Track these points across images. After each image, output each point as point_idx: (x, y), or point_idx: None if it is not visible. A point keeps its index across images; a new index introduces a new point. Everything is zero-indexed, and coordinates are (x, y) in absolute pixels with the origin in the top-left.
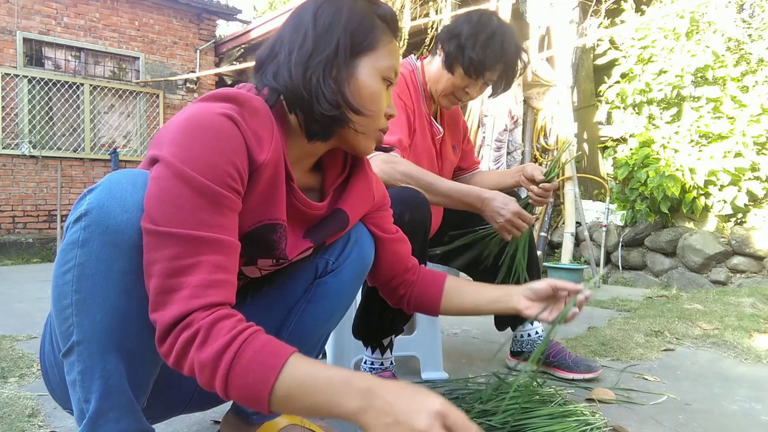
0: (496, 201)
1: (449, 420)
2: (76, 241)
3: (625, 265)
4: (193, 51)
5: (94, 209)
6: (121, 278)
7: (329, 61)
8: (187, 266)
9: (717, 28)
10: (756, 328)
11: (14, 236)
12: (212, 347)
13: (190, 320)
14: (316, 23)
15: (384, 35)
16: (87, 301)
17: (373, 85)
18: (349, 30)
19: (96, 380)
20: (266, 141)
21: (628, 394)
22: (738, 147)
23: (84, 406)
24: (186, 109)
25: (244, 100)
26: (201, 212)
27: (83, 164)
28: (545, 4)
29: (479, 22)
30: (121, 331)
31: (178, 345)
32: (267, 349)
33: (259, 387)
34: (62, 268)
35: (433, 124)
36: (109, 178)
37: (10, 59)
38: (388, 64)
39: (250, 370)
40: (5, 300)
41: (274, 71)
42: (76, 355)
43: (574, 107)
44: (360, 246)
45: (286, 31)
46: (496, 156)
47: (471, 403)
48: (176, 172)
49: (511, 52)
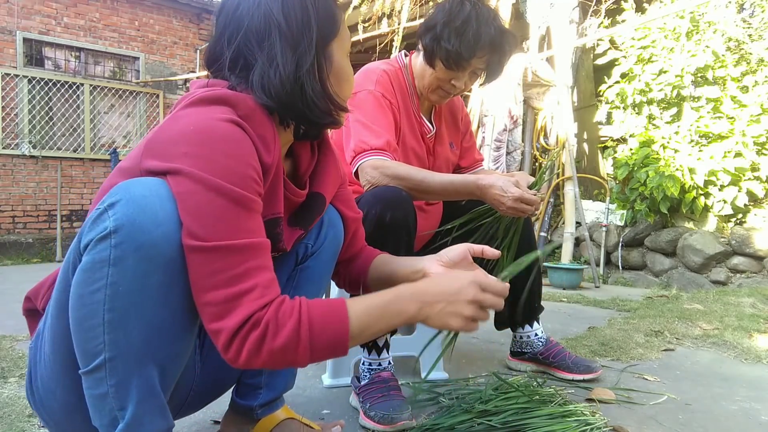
0: (494, 188)
1: (483, 284)
2: (106, 260)
3: (625, 265)
4: (193, 51)
5: (124, 226)
6: (156, 292)
7: (314, 65)
8: (240, 274)
9: (717, 28)
10: (756, 328)
11: (14, 236)
12: (285, 331)
13: (255, 320)
14: (290, 25)
15: (340, 14)
16: (122, 318)
17: (345, 66)
18: (319, 24)
19: (133, 389)
20: (270, 142)
21: (628, 394)
22: (738, 147)
23: (119, 414)
24: (182, 116)
25: (238, 101)
26: (240, 221)
27: (83, 164)
28: (545, 4)
29: (451, 11)
30: (157, 341)
31: (249, 345)
32: (326, 308)
33: (339, 338)
34: (90, 288)
35: (423, 122)
36: (127, 190)
37: (10, 59)
38: (348, 37)
39: (325, 331)
40: (5, 300)
41: (260, 82)
42: (108, 370)
43: (574, 107)
44: (334, 227)
45: (252, 29)
46: (495, 156)
47: (471, 403)
48: (209, 186)
49: (491, 36)
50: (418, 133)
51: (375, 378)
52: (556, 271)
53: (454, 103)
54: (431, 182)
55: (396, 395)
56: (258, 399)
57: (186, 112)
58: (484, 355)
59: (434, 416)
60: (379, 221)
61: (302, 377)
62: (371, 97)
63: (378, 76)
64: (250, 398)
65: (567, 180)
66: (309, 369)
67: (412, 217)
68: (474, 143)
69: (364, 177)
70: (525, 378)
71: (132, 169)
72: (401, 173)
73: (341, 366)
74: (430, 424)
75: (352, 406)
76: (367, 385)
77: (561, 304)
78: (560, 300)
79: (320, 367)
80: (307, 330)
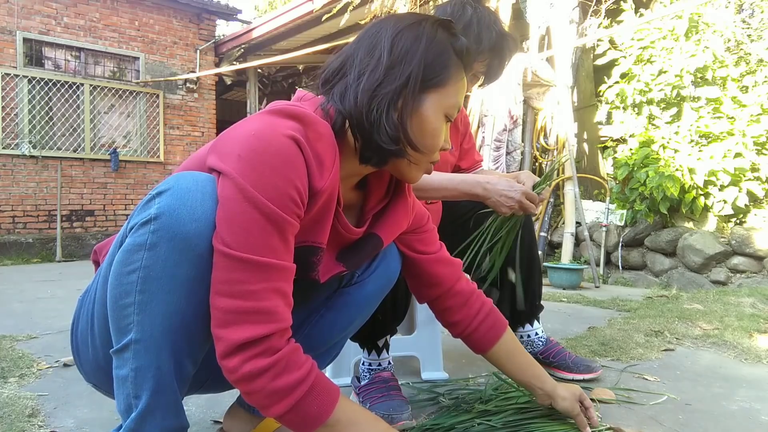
0: (500, 185)
1: None
2: (144, 244)
3: (625, 265)
4: (193, 51)
5: (164, 214)
6: (184, 283)
7: (396, 93)
8: (255, 291)
9: (716, 29)
10: (756, 328)
11: (14, 236)
12: (290, 378)
13: (267, 348)
14: (393, 50)
15: (456, 72)
16: (150, 302)
17: (435, 123)
18: (423, 64)
19: (149, 379)
20: (327, 168)
21: (628, 394)
22: (738, 147)
23: (133, 402)
24: (253, 120)
25: (311, 122)
26: (270, 238)
27: (83, 164)
28: (545, 4)
29: (452, 14)
30: (177, 333)
31: (250, 368)
32: (326, 382)
33: (313, 421)
34: (126, 268)
35: None
36: (178, 181)
37: (10, 59)
38: (454, 101)
39: (312, 405)
40: (5, 300)
41: (341, 92)
42: (132, 352)
43: (574, 107)
44: (386, 262)
45: (360, 50)
46: (495, 156)
47: (471, 403)
48: (247, 196)
49: (492, 40)
50: None
51: (375, 378)
52: (556, 271)
53: None
54: (431, 181)
55: (396, 395)
56: None
57: (259, 117)
58: None
59: (434, 416)
60: None
61: None
62: None
63: None
64: None
65: (567, 180)
66: None
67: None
68: (473, 144)
69: None
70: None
71: (201, 158)
72: None
73: (341, 366)
74: (430, 424)
75: None
76: (367, 385)
77: (561, 304)
78: (560, 300)
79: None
80: (302, 394)
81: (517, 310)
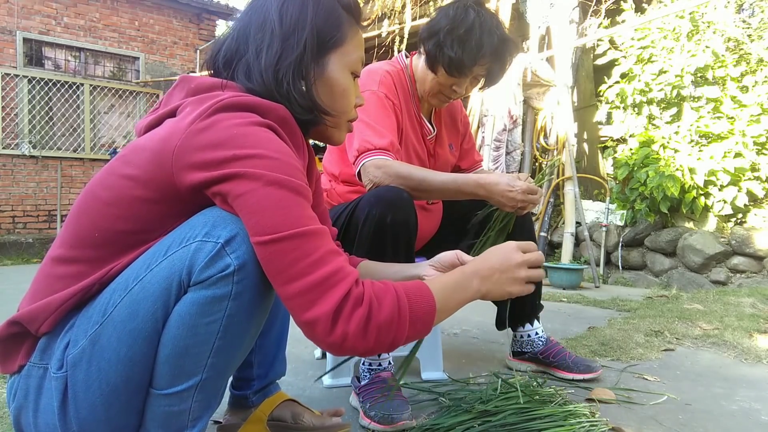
0: (501, 184)
1: (522, 247)
2: (228, 295)
3: (625, 265)
4: (193, 51)
5: (248, 264)
6: (257, 318)
7: (298, 63)
8: (319, 259)
9: (717, 29)
10: (756, 328)
11: (14, 236)
12: (387, 304)
13: (356, 298)
14: (282, 21)
15: (350, 28)
16: (230, 345)
17: (343, 82)
18: (316, 28)
19: (214, 402)
20: (300, 147)
21: (628, 394)
22: (738, 147)
23: (190, 423)
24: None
25: (269, 109)
26: (303, 209)
27: (83, 164)
28: (545, 4)
29: (455, 17)
30: (243, 356)
31: (356, 322)
32: (412, 285)
33: (430, 312)
34: (206, 319)
35: (424, 124)
36: (230, 226)
37: (10, 59)
38: (356, 56)
39: (418, 304)
40: (5, 300)
41: (245, 71)
42: (200, 390)
43: (574, 107)
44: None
45: (251, 26)
46: (494, 156)
47: (471, 403)
48: (268, 180)
49: (493, 45)
50: (420, 135)
51: (375, 378)
52: (556, 271)
53: (453, 105)
54: (433, 181)
55: (396, 395)
56: (252, 388)
57: (217, 119)
58: (484, 355)
59: (434, 416)
60: (380, 222)
61: (302, 377)
62: (375, 97)
63: (381, 77)
64: (245, 388)
65: (567, 180)
66: (309, 369)
67: (413, 218)
68: (473, 144)
69: (366, 176)
70: (525, 378)
71: (158, 180)
72: (403, 173)
73: (341, 366)
74: (430, 424)
75: (352, 406)
76: (367, 385)
77: (561, 304)
78: (560, 300)
79: (320, 367)
80: (405, 303)
81: (517, 310)
